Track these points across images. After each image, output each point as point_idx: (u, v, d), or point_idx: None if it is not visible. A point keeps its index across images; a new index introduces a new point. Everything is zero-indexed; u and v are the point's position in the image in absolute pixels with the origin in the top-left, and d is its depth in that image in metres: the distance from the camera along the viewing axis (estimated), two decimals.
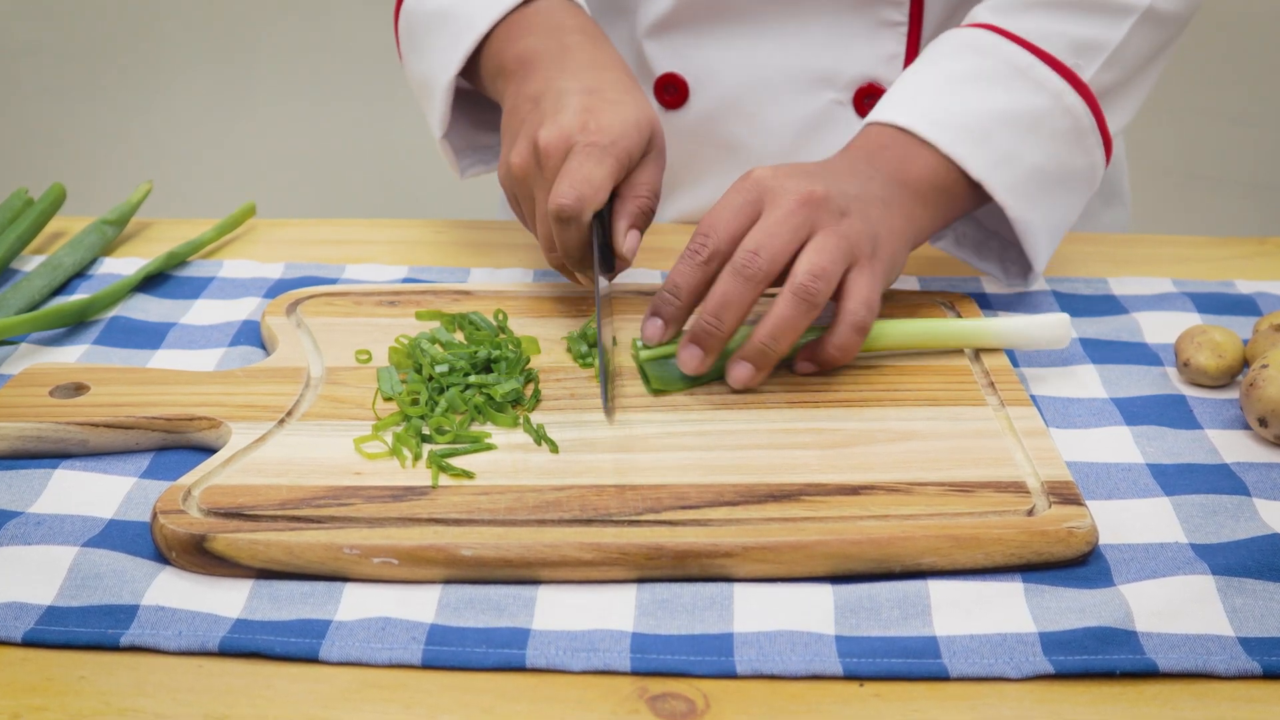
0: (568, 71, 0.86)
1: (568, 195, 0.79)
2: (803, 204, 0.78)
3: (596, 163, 0.80)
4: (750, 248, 0.76)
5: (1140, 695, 0.60)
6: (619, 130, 0.81)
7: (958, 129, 0.86)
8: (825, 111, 1.03)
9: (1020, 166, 0.87)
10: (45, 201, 1.02)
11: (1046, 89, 0.88)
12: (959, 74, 0.89)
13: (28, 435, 0.74)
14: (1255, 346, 0.83)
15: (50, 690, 0.59)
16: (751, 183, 0.79)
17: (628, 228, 0.83)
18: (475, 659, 0.61)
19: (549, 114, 0.83)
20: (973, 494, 0.69)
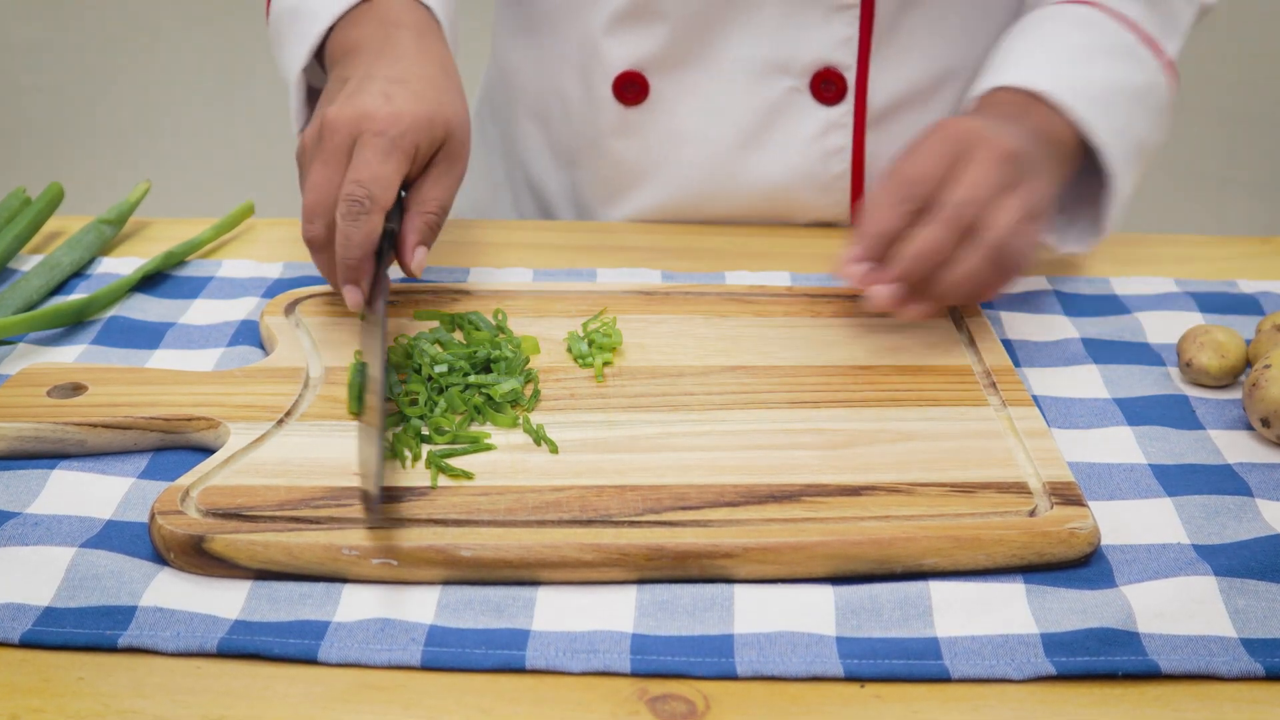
0: (384, 60, 0.86)
1: (356, 191, 0.79)
2: (1006, 159, 0.80)
3: (385, 157, 0.80)
4: (964, 199, 0.78)
5: (1142, 696, 0.60)
6: (410, 121, 0.81)
7: (1089, 97, 0.89)
8: (783, 99, 1.04)
9: (1130, 138, 0.91)
10: (43, 201, 1.02)
11: (1150, 66, 0.94)
12: (1079, 44, 0.93)
13: (25, 435, 0.74)
14: (1258, 346, 0.83)
15: (48, 691, 0.59)
16: (951, 133, 0.81)
17: (415, 243, 0.83)
18: (475, 660, 0.61)
19: (346, 94, 0.83)
20: (974, 495, 0.69)
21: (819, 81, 1.03)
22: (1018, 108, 0.89)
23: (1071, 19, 0.95)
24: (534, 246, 1.03)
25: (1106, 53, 0.93)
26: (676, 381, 0.80)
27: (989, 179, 0.79)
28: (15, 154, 2.45)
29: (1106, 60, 0.93)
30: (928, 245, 0.78)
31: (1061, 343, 0.88)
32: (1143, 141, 0.93)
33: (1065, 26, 0.95)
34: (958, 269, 0.79)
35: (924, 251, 0.78)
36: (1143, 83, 0.93)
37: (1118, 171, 0.90)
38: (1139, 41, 0.94)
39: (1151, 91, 0.94)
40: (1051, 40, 0.94)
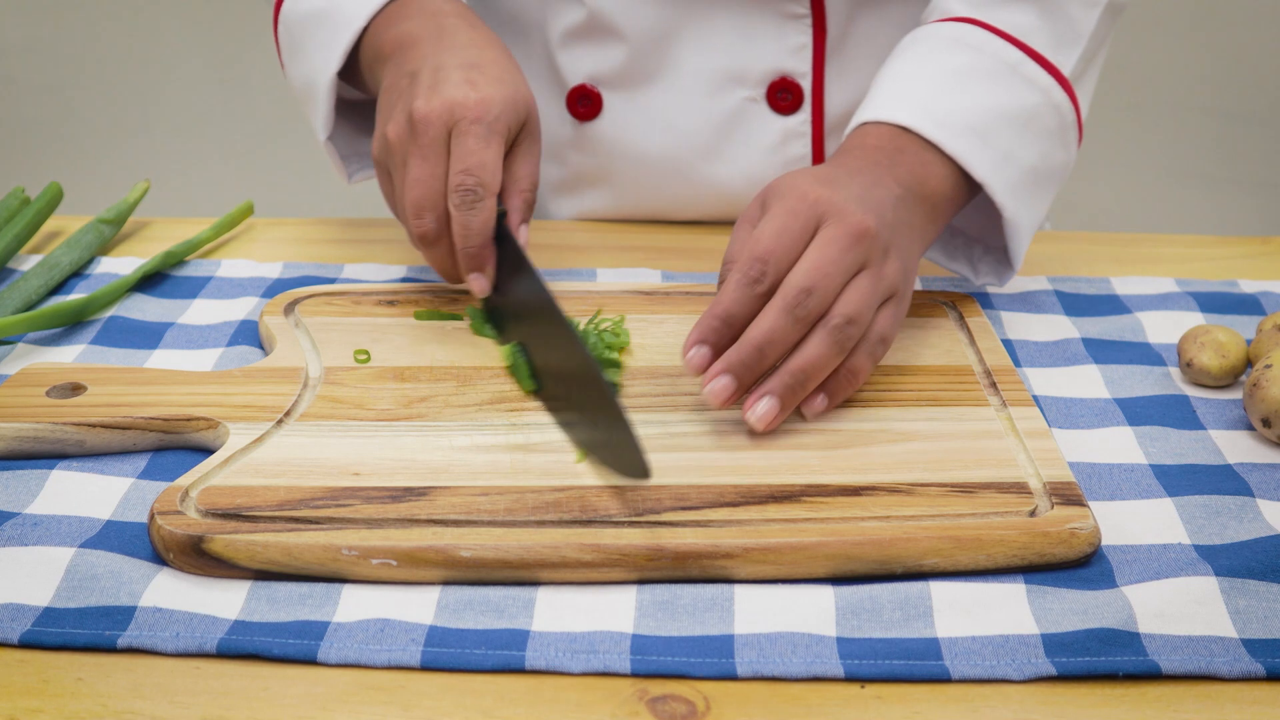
0: (446, 49, 0.85)
1: (467, 180, 0.80)
2: (858, 239, 0.75)
3: (486, 143, 0.81)
4: (804, 285, 0.73)
5: (1143, 697, 0.60)
6: (501, 105, 0.82)
7: (960, 128, 0.84)
8: (739, 110, 1.03)
9: (1017, 166, 0.86)
10: (42, 201, 1.01)
11: (1037, 86, 0.87)
12: (954, 70, 0.87)
13: (24, 435, 0.74)
14: (1259, 346, 0.83)
15: (47, 692, 0.59)
16: (805, 204, 0.75)
17: (519, 223, 0.84)
18: (474, 660, 0.60)
19: (426, 86, 0.82)
20: (975, 495, 0.69)
21: (775, 91, 1.02)
22: (886, 151, 0.83)
23: (947, 40, 0.88)
24: (534, 247, 1.02)
25: (984, 76, 0.86)
26: (676, 382, 0.80)
27: (835, 262, 0.73)
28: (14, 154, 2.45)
29: (983, 85, 0.86)
30: (761, 333, 0.72)
31: (1062, 343, 0.88)
32: (1034, 167, 0.87)
33: (940, 49, 0.88)
34: (800, 356, 0.73)
35: (756, 339, 0.72)
36: (1029, 105, 0.86)
37: (1006, 203, 0.85)
38: (1025, 59, 0.87)
39: (1040, 113, 0.87)
40: (923, 66, 0.87)
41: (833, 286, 0.73)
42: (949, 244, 0.94)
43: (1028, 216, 0.88)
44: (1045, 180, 0.89)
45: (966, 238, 0.94)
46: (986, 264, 0.92)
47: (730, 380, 0.73)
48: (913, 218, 0.81)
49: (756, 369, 0.73)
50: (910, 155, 0.83)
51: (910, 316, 0.87)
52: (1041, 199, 0.89)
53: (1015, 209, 0.86)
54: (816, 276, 0.73)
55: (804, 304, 0.73)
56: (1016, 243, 0.88)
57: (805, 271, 0.73)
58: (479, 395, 0.78)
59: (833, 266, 0.74)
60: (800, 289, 0.73)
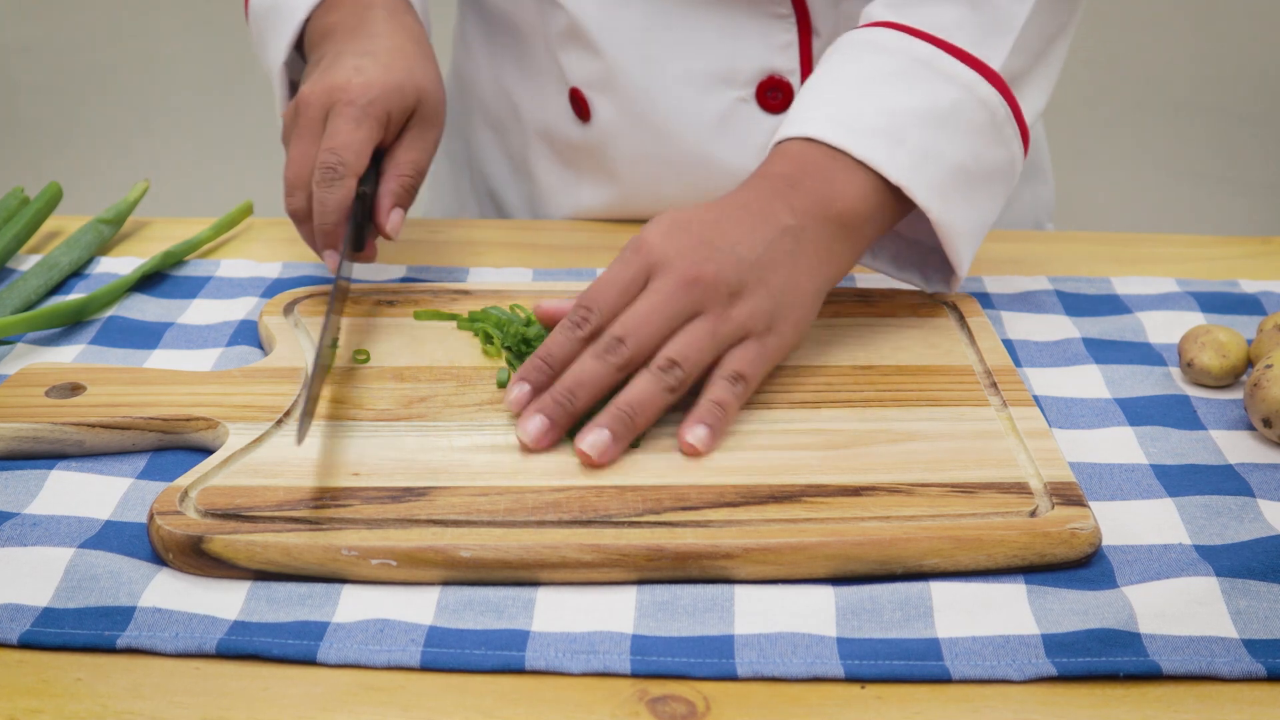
0: (356, 38, 0.89)
1: (331, 153, 0.83)
2: (687, 287, 0.74)
3: (355, 125, 0.84)
4: (619, 333, 0.74)
5: (1143, 697, 0.60)
6: (380, 89, 0.84)
7: (869, 131, 0.81)
8: (730, 110, 1.02)
9: (940, 166, 0.83)
10: (41, 200, 1.01)
11: (957, 81, 0.84)
12: (862, 75, 0.85)
13: (23, 436, 0.74)
14: (1259, 346, 0.83)
15: (46, 693, 0.59)
16: (643, 252, 0.76)
17: (391, 205, 0.86)
18: (474, 661, 0.60)
19: (320, 72, 0.86)
20: (975, 495, 0.69)
21: (765, 90, 1.01)
22: (789, 177, 0.81)
23: (860, 46, 0.86)
24: (534, 246, 1.02)
25: (895, 76, 0.84)
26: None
27: (657, 309, 0.74)
28: (13, 153, 2.45)
29: (894, 85, 0.83)
30: (571, 376, 0.73)
31: (1063, 343, 0.88)
32: (962, 165, 0.83)
33: (851, 57, 0.86)
34: (626, 392, 0.73)
35: (566, 382, 0.73)
36: (947, 100, 0.83)
37: (930, 204, 0.82)
38: (941, 55, 0.84)
39: (961, 108, 0.83)
40: (833, 75, 0.86)
41: (649, 333, 0.74)
42: (900, 254, 0.92)
43: (963, 218, 0.84)
44: (981, 180, 0.85)
45: (920, 246, 0.91)
46: (941, 272, 0.90)
47: (543, 420, 0.73)
48: (806, 247, 0.79)
49: (569, 410, 0.73)
50: (815, 176, 0.81)
51: (911, 316, 0.87)
52: (980, 199, 0.86)
53: (943, 210, 0.83)
54: (632, 324, 0.74)
55: (616, 350, 0.74)
56: (954, 247, 0.85)
57: (623, 321, 0.74)
58: (479, 395, 0.78)
59: (654, 314, 0.74)
60: (614, 336, 0.74)
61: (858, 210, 0.81)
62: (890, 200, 0.83)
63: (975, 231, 0.86)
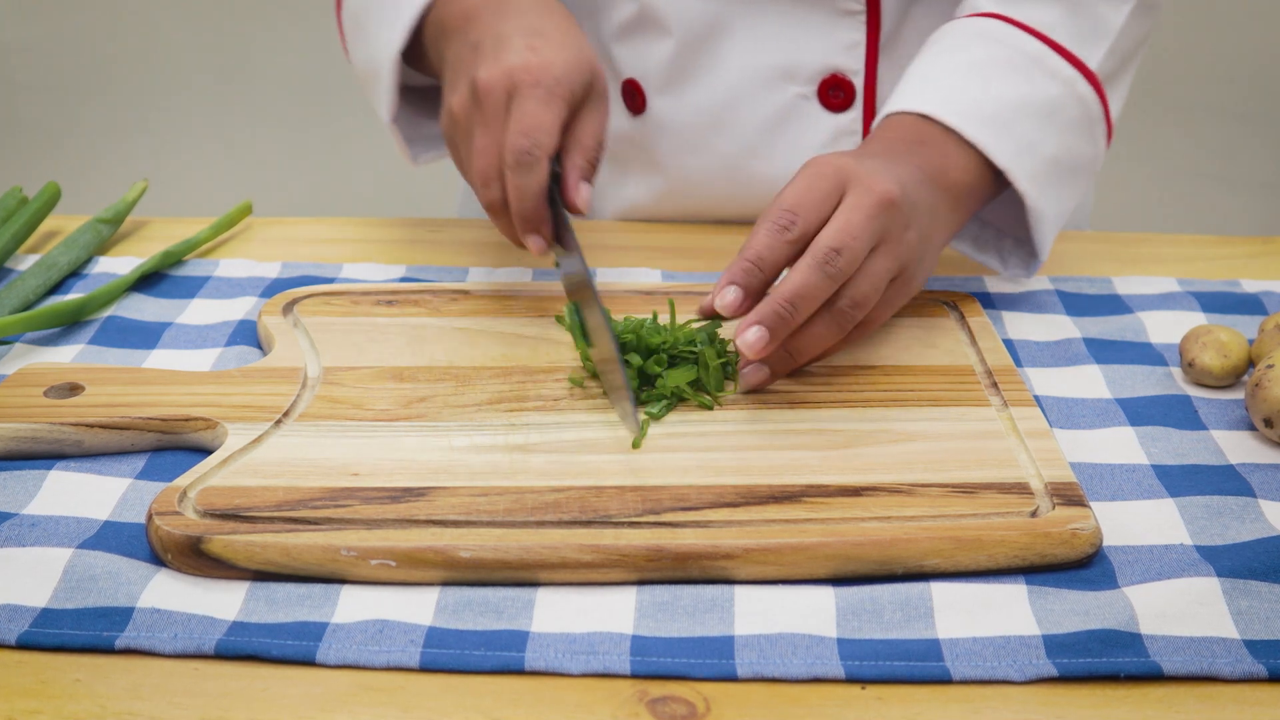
0: (509, 17, 0.85)
1: (524, 136, 0.79)
2: (884, 207, 0.76)
3: (544, 105, 0.80)
4: (834, 244, 0.75)
5: (1144, 698, 0.59)
6: (562, 68, 0.81)
7: (982, 117, 0.86)
8: (790, 106, 1.03)
9: (1039, 156, 0.87)
10: (40, 200, 1.01)
11: (1060, 78, 0.89)
12: (976, 62, 0.89)
13: (22, 436, 0.74)
14: (1261, 346, 0.83)
15: (45, 693, 0.59)
16: (833, 169, 0.78)
17: (578, 180, 0.83)
18: (474, 662, 0.60)
19: (489, 55, 0.82)
20: (976, 495, 0.69)
21: (827, 88, 1.02)
22: (908, 141, 0.85)
23: (971, 33, 0.91)
24: None
25: (1006, 68, 0.88)
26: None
27: (861, 226, 0.75)
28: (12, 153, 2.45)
29: (1005, 76, 0.88)
30: (792, 288, 0.74)
31: (1063, 342, 0.88)
32: (1057, 158, 0.88)
33: (964, 42, 0.90)
34: (810, 331, 0.76)
35: (787, 294, 0.74)
36: (1051, 96, 0.88)
37: (1028, 191, 0.87)
38: (1049, 52, 0.89)
39: (1063, 105, 0.89)
40: (948, 59, 0.90)
41: (860, 250, 0.76)
42: (979, 236, 0.95)
43: (1052, 206, 0.89)
44: (1070, 172, 0.90)
45: (997, 230, 0.95)
46: (1017, 256, 0.94)
47: (763, 333, 0.75)
48: (935, 202, 0.83)
49: (789, 323, 0.75)
50: (931, 145, 0.85)
51: (911, 316, 0.87)
52: (1067, 190, 0.90)
53: (1037, 197, 0.88)
54: (845, 238, 0.75)
55: (834, 262, 0.75)
56: (1040, 233, 0.89)
57: (834, 233, 0.75)
58: (478, 395, 0.78)
59: (860, 230, 0.76)
60: (830, 248, 0.75)
61: (966, 183, 0.86)
62: (989, 182, 0.88)
63: (1059, 219, 0.91)
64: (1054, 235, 0.91)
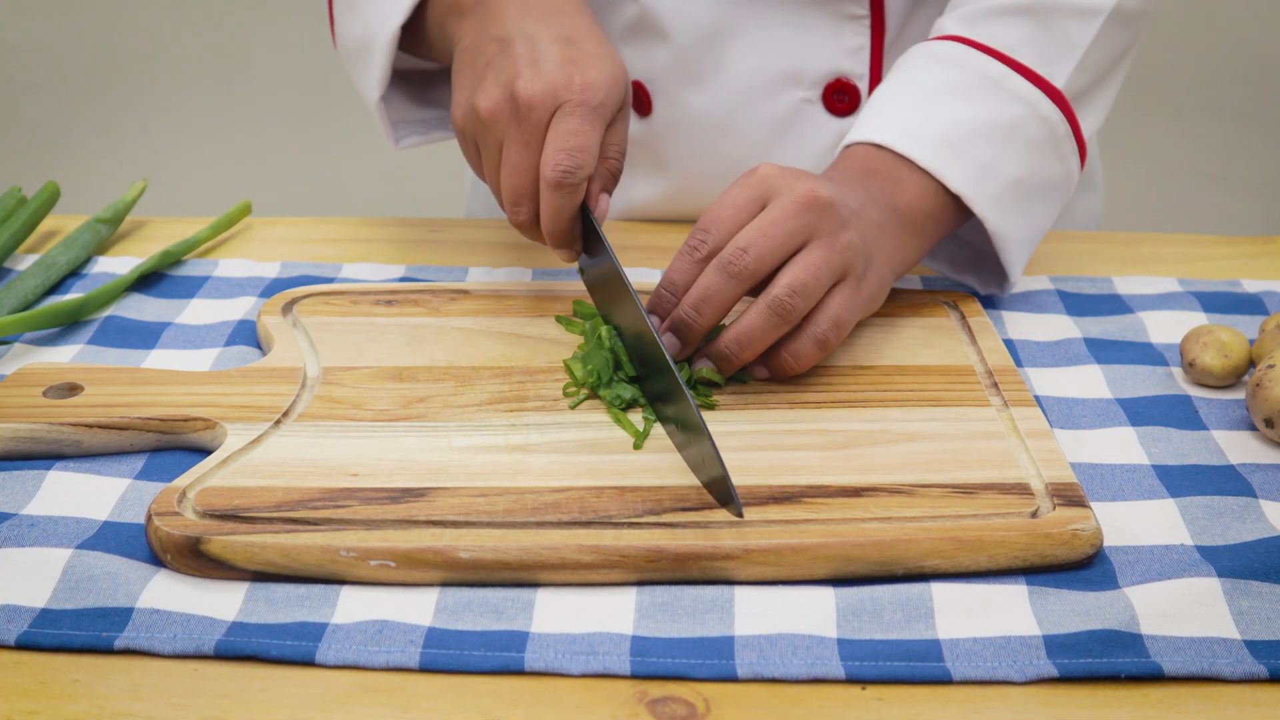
0: (533, 14, 0.83)
1: (570, 157, 0.78)
2: (806, 206, 0.76)
3: (591, 125, 0.79)
4: (741, 244, 0.75)
5: (1145, 699, 0.59)
6: (604, 87, 0.80)
7: (935, 142, 0.86)
8: (794, 111, 1.02)
9: (999, 178, 0.87)
10: (39, 200, 1.01)
11: (1021, 99, 0.88)
12: (932, 87, 0.88)
13: (21, 436, 0.73)
14: (1262, 346, 0.83)
15: (43, 694, 0.59)
16: (758, 179, 0.78)
17: (599, 191, 0.82)
18: (473, 662, 0.60)
19: (526, 61, 0.80)
20: (976, 496, 0.69)
21: (831, 92, 1.02)
22: (860, 171, 0.85)
23: (930, 58, 0.90)
24: (533, 246, 1.02)
25: (963, 91, 0.87)
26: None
27: (777, 224, 0.75)
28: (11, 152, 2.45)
29: (962, 99, 0.87)
30: (696, 291, 0.75)
31: (1064, 342, 0.88)
32: (1020, 179, 0.87)
33: (922, 68, 0.90)
34: (737, 326, 0.76)
35: (691, 298, 0.76)
36: (1011, 117, 0.87)
37: (988, 215, 0.86)
38: (1009, 73, 0.88)
39: (1023, 125, 0.88)
40: (904, 86, 0.89)
41: (771, 248, 0.75)
42: (956, 256, 0.95)
43: (1018, 228, 0.88)
44: (1037, 193, 0.89)
45: (975, 250, 0.94)
46: (995, 276, 0.93)
47: (672, 337, 0.77)
48: (883, 220, 0.82)
49: (697, 325, 0.76)
50: (883, 173, 0.85)
51: (911, 316, 0.87)
52: (1035, 211, 0.89)
53: (1000, 220, 0.87)
54: (754, 236, 0.76)
55: (739, 260, 0.75)
56: (1008, 255, 0.89)
57: (745, 233, 0.76)
58: (478, 396, 0.78)
59: (774, 228, 0.76)
60: (736, 247, 0.75)
61: (919, 208, 0.85)
62: (951, 207, 0.87)
63: (1029, 240, 0.90)
64: (1025, 256, 0.90)
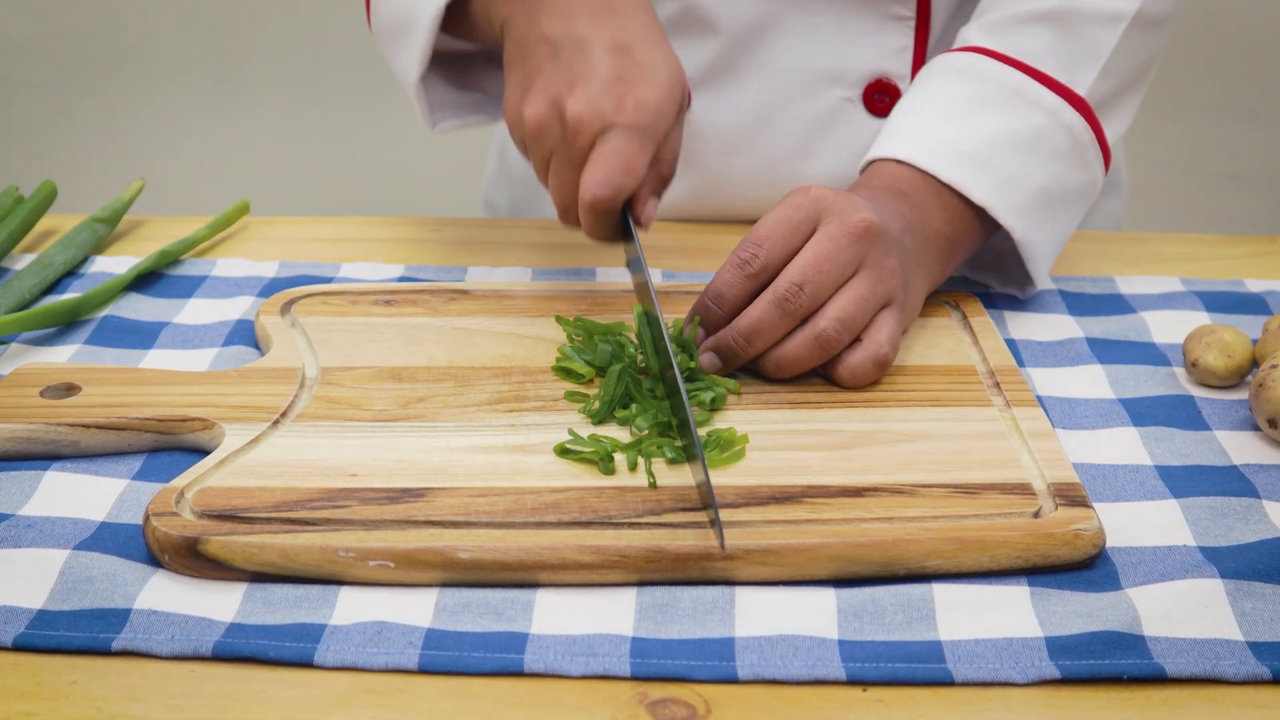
0: (587, 11, 0.81)
1: (605, 188, 0.77)
2: (859, 236, 0.76)
3: (638, 149, 0.78)
4: (796, 279, 0.75)
5: (1148, 700, 0.59)
6: (656, 108, 0.79)
7: (957, 156, 0.86)
8: (835, 110, 1.02)
9: (1023, 189, 0.87)
10: (36, 199, 1.01)
11: (1043, 108, 0.88)
12: (954, 101, 0.89)
13: (18, 436, 0.73)
14: (1265, 346, 0.82)
15: (41, 695, 0.58)
16: (811, 200, 0.78)
17: (647, 196, 0.82)
18: (472, 663, 0.60)
19: (576, 75, 0.79)
20: (978, 496, 0.68)
21: (872, 92, 1.01)
22: (889, 190, 0.85)
23: (951, 72, 0.90)
24: (533, 245, 1.02)
25: (985, 103, 0.88)
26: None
27: (831, 258, 0.76)
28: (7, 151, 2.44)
29: (983, 112, 0.88)
30: (750, 322, 0.76)
31: (1066, 342, 0.88)
32: (1045, 188, 0.88)
33: (943, 82, 0.90)
34: (782, 351, 0.77)
35: (744, 328, 0.76)
36: (1034, 127, 0.88)
37: (1014, 225, 0.86)
38: (1030, 83, 0.88)
39: (1047, 134, 0.88)
40: (926, 100, 0.89)
41: (826, 283, 0.76)
42: (976, 259, 0.95)
43: (1044, 236, 0.89)
44: (1061, 201, 0.89)
45: (995, 251, 0.94)
46: (1016, 277, 0.93)
47: (714, 359, 0.78)
48: (918, 249, 0.83)
49: (742, 355, 0.77)
50: (913, 199, 0.85)
51: None
52: (1060, 219, 0.90)
53: (1025, 230, 0.87)
54: (810, 272, 0.76)
55: (795, 299, 0.76)
56: (1034, 263, 0.89)
57: (800, 267, 0.76)
58: (477, 396, 0.77)
59: (828, 263, 0.76)
60: (792, 283, 0.76)
61: (947, 234, 0.86)
62: (978, 225, 0.88)
63: (1053, 247, 0.90)
64: (1050, 259, 0.90)
